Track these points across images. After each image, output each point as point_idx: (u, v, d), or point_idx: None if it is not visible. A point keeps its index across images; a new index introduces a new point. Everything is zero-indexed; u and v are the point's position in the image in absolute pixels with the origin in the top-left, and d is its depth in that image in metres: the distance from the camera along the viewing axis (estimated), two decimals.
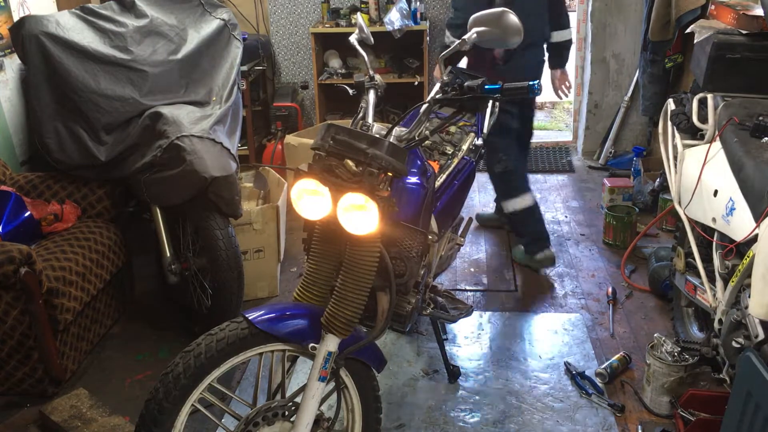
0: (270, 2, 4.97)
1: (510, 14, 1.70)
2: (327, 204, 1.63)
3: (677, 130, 2.56)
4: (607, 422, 2.35)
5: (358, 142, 1.60)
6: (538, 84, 1.68)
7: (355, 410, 1.88)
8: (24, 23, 2.76)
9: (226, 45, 3.27)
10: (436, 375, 2.63)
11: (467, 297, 3.20)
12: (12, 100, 3.10)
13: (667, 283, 2.92)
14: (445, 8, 5.00)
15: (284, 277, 3.38)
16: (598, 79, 4.66)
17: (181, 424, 1.61)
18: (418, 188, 1.95)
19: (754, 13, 2.47)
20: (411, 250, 1.91)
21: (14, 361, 2.43)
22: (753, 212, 1.91)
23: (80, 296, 2.56)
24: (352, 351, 1.73)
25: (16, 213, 2.63)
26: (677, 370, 2.30)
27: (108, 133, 2.82)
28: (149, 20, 3.04)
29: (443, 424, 2.37)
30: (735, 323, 2.01)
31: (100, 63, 2.81)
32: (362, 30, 2.14)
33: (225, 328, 1.66)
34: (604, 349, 2.76)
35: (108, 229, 2.86)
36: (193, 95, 3.02)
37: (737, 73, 2.43)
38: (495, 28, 1.72)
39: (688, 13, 3.59)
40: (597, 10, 4.51)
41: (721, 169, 2.18)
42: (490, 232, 3.86)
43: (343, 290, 1.68)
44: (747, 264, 1.90)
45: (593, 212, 4.05)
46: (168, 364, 1.63)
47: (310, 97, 5.18)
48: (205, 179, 2.59)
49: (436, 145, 2.47)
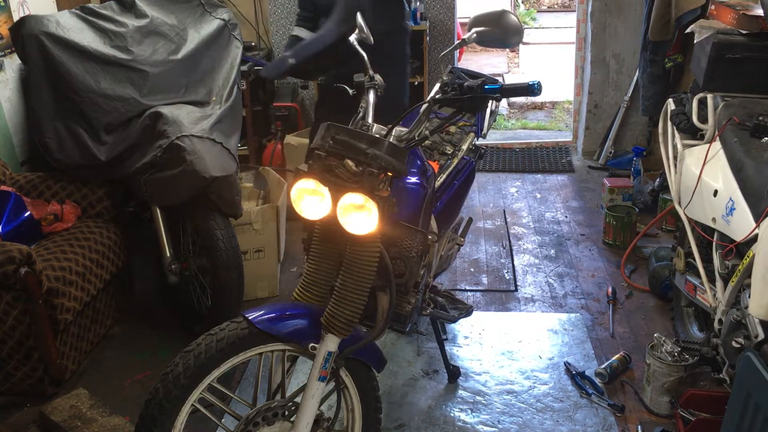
0: (270, 2, 4.97)
1: (510, 14, 1.70)
2: (327, 204, 1.63)
3: (677, 130, 2.56)
4: (607, 422, 2.35)
5: (357, 142, 1.60)
6: (538, 83, 1.68)
7: (355, 410, 1.88)
8: (24, 23, 2.76)
9: (226, 45, 3.27)
10: (436, 375, 2.63)
11: (467, 297, 3.20)
12: (12, 100, 3.10)
13: (667, 283, 2.92)
14: (445, 8, 5.00)
15: (284, 277, 3.38)
16: (598, 79, 4.66)
17: (181, 424, 1.61)
18: (418, 188, 1.94)
19: (754, 13, 2.47)
20: (411, 250, 1.91)
21: (14, 361, 2.43)
22: (753, 212, 1.92)
23: (80, 296, 2.56)
24: (352, 351, 1.73)
25: (16, 213, 2.63)
26: (677, 370, 2.30)
27: (108, 133, 2.82)
28: (149, 20, 3.04)
29: (443, 424, 2.38)
30: (735, 323, 2.01)
31: (100, 63, 2.81)
32: (362, 30, 2.14)
33: (225, 328, 1.66)
34: (604, 349, 2.76)
35: (108, 229, 2.86)
36: (193, 95, 3.02)
37: (737, 73, 2.43)
38: (495, 27, 1.72)
39: (688, 13, 3.60)
40: (597, 10, 4.51)
41: (721, 169, 2.18)
42: (490, 232, 3.86)
43: (343, 290, 1.68)
44: (747, 264, 1.90)
45: (593, 212, 4.05)
46: (168, 364, 1.63)
47: (310, 97, 5.18)
48: (205, 179, 2.59)
49: (436, 145, 2.47)
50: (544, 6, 11.01)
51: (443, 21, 5.04)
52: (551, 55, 8.14)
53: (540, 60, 8.09)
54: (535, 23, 10.01)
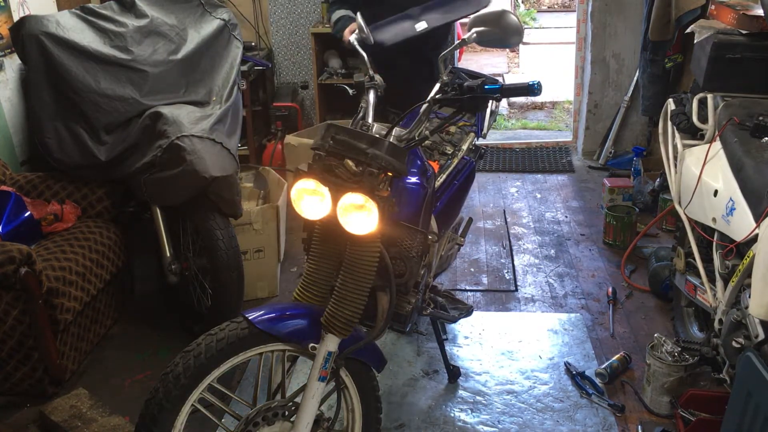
0: (270, 2, 4.97)
1: (510, 14, 1.70)
2: (327, 204, 1.63)
3: (677, 130, 2.56)
4: (607, 422, 2.35)
5: (357, 142, 1.60)
6: (538, 83, 1.68)
7: (355, 410, 1.88)
8: (24, 23, 2.76)
9: (226, 45, 3.27)
10: (436, 375, 2.63)
11: (467, 297, 3.20)
12: (12, 100, 3.10)
13: (667, 283, 2.92)
14: None
15: (284, 277, 3.38)
16: (598, 79, 4.66)
17: (181, 424, 1.61)
18: (418, 188, 1.94)
19: (754, 13, 2.47)
20: (411, 250, 1.91)
21: (14, 361, 2.43)
22: (753, 212, 1.92)
23: (80, 296, 2.56)
24: (352, 351, 1.73)
25: (16, 213, 2.63)
26: (677, 370, 2.30)
27: (108, 133, 2.82)
28: (149, 20, 3.04)
29: (443, 424, 2.37)
30: (735, 323, 2.01)
31: (100, 63, 2.81)
32: (362, 30, 2.14)
33: (225, 328, 1.66)
34: (604, 349, 2.76)
35: (108, 229, 2.86)
36: (193, 95, 3.02)
37: (737, 73, 2.43)
38: (495, 27, 1.72)
39: (688, 13, 3.59)
40: (597, 10, 4.51)
41: (721, 169, 2.18)
42: (490, 232, 3.86)
43: (342, 290, 1.68)
44: (747, 264, 1.90)
45: (593, 212, 4.04)
46: (168, 364, 1.63)
47: (310, 97, 5.18)
48: (205, 179, 2.59)
49: (436, 145, 2.47)
50: (544, 6, 11.01)
51: None
52: (551, 55, 8.13)
53: (540, 60, 8.09)
54: (535, 23, 10.00)
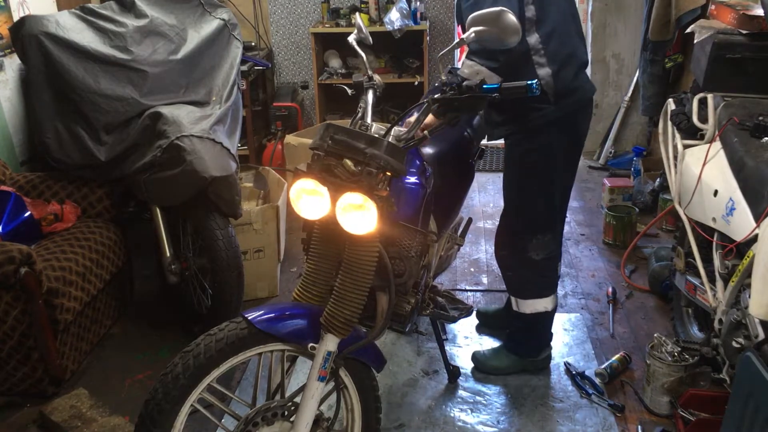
0: (270, 2, 4.97)
1: (508, 14, 1.70)
2: (326, 204, 1.63)
3: (677, 130, 2.56)
4: (607, 422, 2.35)
5: (356, 141, 1.60)
6: (537, 83, 1.68)
7: (354, 410, 1.88)
8: (24, 23, 2.76)
9: (226, 45, 3.27)
10: (436, 375, 2.63)
11: (467, 297, 3.19)
12: (12, 100, 3.10)
13: (667, 283, 2.92)
14: (445, 8, 5.00)
15: (284, 277, 3.38)
16: (598, 79, 4.66)
17: (180, 424, 1.61)
18: (417, 188, 1.94)
19: (754, 13, 2.47)
20: (410, 249, 1.91)
21: (14, 361, 2.43)
22: (753, 212, 1.92)
23: (80, 296, 2.56)
24: (351, 351, 1.73)
25: (16, 213, 2.63)
26: (677, 370, 2.30)
27: (108, 133, 2.82)
28: (149, 20, 3.04)
29: (443, 424, 2.37)
30: (735, 323, 2.01)
31: (100, 63, 2.81)
32: (361, 30, 2.14)
33: (224, 328, 1.66)
34: (604, 349, 2.76)
35: (108, 229, 2.86)
36: (193, 95, 3.02)
37: (737, 73, 2.43)
38: (493, 27, 1.72)
39: (688, 13, 3.59)
40: (597, 10, 4.51)
41: (721, 169, 2.18)
42: (490, 232, 3.86)
43: (342, 290, 1.68)
44: (747, 264, 1.90)
45: (593, 212, 4.04)
46: (168, 364, 1.63)
47: (310, 97, 5.18)
48: (205, 179, 2.59)
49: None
50: None
51: (443, 21, 5.05)
52: None
53: None
54: None
